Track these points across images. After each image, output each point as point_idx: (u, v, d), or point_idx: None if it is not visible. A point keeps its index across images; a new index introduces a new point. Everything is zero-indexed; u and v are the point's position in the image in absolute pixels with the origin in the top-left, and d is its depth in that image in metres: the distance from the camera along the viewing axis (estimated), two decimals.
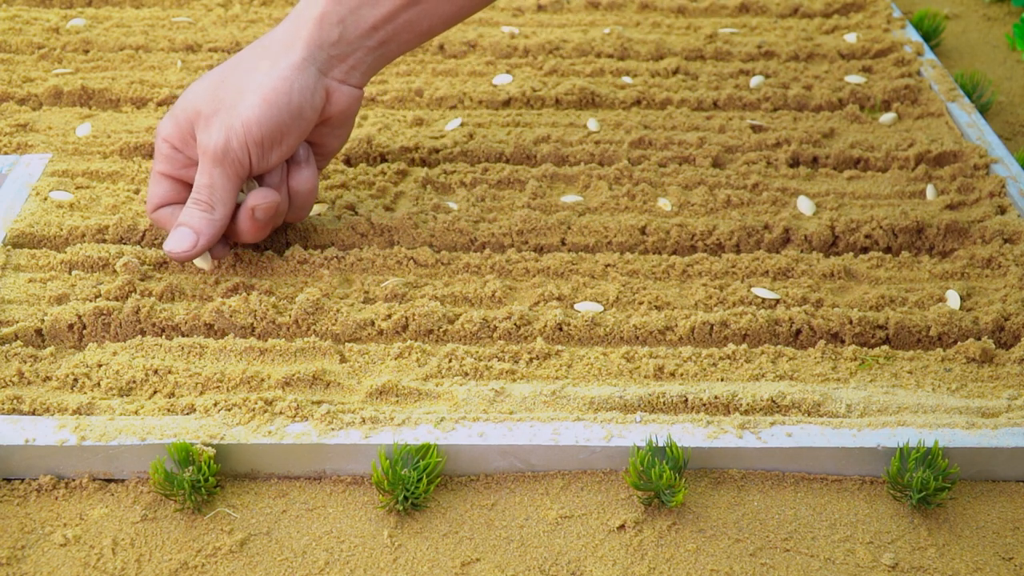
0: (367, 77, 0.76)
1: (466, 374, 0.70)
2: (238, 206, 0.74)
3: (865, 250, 0.83)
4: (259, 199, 0.73)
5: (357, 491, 0.64)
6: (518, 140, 0.93)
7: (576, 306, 0.75)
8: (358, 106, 0.77)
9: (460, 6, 0.76)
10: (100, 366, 0.69)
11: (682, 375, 0.70)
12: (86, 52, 1.07)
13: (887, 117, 0.98)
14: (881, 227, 0.82)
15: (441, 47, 1.09)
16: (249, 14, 1.15)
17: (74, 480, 0.64)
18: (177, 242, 0.72)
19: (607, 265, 0.79)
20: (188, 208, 0.72)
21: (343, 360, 0.71)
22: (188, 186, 0.75)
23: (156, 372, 0.69)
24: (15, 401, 0.66)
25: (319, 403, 0.66)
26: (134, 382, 0.68)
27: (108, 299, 0.74)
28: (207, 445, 0.63)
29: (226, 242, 0.77)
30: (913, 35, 1.13)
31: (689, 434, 0.65)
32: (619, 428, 0.65)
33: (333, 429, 0.64)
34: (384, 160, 0.92)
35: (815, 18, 1.18)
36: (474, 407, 0.67)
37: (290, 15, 0.74)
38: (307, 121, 0.73)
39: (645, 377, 0.70)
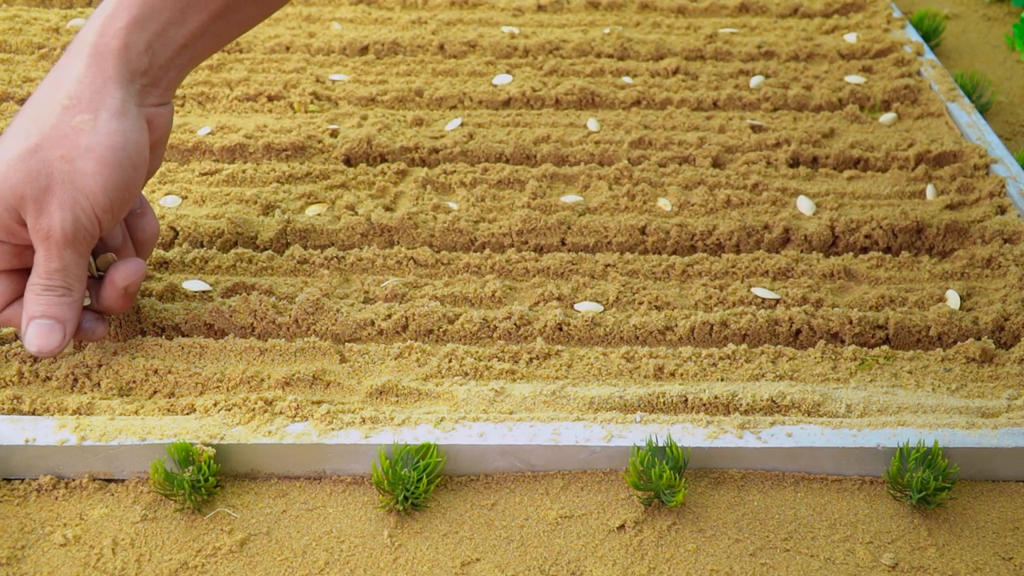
0: (175, 89, 0.69)
1: (466, 374, 0.70)
2: (91, 277, 0.67)
3: (865, 250, 0.83)
4: (129, 275, 0.66)
5: (357, 491, 0.64)
6: (518, 140, 0.93)
7: (576, 306, 0.75)
8: (172, 123, 0.70)
9: (267, 9, 0.71)
10: (100, 366, 0.69)
11: (682, 375, 0.70)
12: None
13: (887, 117, 0.98)
14: (881, 227, 0.82)
15: (441, 47, 1.09)
16: None
17: (74, 480, 0.64)
18: (46, 338, 0.63)
19: (607, 265, 0.79)
20: (39, 296, 0.63)
21: (343, 360, 0.71)
22: (27, 272, 0.66)
23: (156, 372, 0.69)
24: (15, 401, 0.66)
25: (319, 403, 0.66)
26: (134, 382, 0.68)
27: None
28: (207, 445, 0.63)
29: (101, 318, 0.69)
30: (913, 35, 1.13)
31: (689, 434, 0.65)
32: (619, 428, 0.65)
33: (333, 429, 0.64)
34: (384, 160, 0.92)
35: (815, 18, 1.18)
36: (474, 407, 0.67)
37: (77, 49, 0.64)
38: (144, 165, 0.65)
39: (645, 377, 0.70)
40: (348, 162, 0.91)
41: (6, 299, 0.66)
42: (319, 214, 0.83)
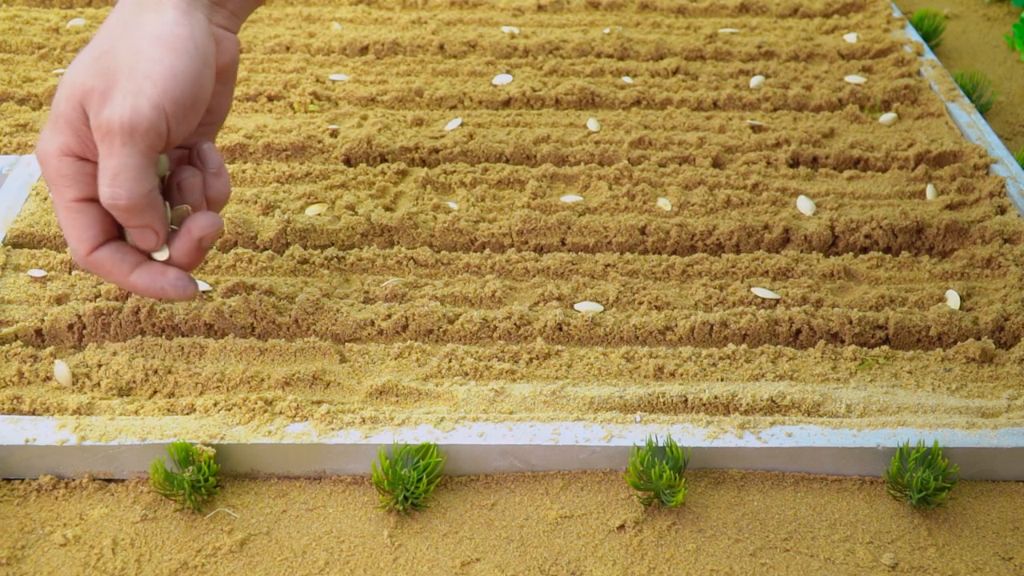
0: (240, 23, 0.67)
1: (466, 374, 0.70)
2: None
3: (865, 250, 0.83)
4: (206, 226, 0.63)
5: (357, 491, 0.64)
6: (518, 140, 0.93)
7: (576, 306, 0.75)
8: (239, 57, 0.66)
9: None
10: (100, 366, 0.69)
11: (682, 375, 0.70)
12: None
13: (887, 117, 0.98)
14: (881, 227, 0.82)
15: (441, 47, 1.09)
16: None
17: (74, 480, 0.64)
18: (143, 242, 0.62)
19: (607, 265, 0.79)
20: (107, 208, 0.60)
21: (343, 360, 0.71)
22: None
23: (156, 372, 0.69)
24: (15, 401, 0.66)
25: (319, 403, 0.66)
26: (134, 382, 0.68)
27: (108, 299, 0.74)
28: (207, 445, 0.63)
29: (190, 278, 0.65)
30: (913, 35, 1.13)
31: (689, 434, 0.65)
32: (619, 428, 0.65)
33: (333, 429, 0.64)
34: (384, 160, 0.92)
35: (815, 18, 1.18)
36: (474, 407, 0.67)
37: None
38: (211, 72, 0.62)
39: (645, 377, 0.70)
40: (348, 162, 0.91)
41: (98, 236, 0.62)
42: (319, 214, 0.83)
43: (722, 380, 0.70)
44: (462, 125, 0.96)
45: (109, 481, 0.65)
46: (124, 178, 0.58)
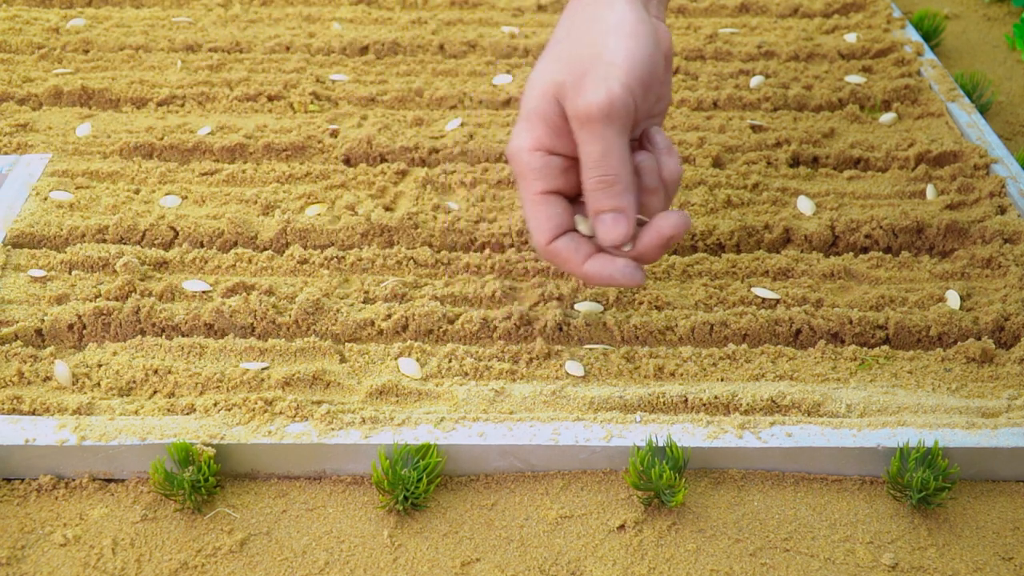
0: (664, 9, 0.72)
1: (466, 374, 0.70)
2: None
3: (865, 250, 0.83)
4: (677, 225, 0.64)
5: (357, 491, 0.64)
6: None
7: (576, 306, 0.75)
8: (672, 41, 0.70)
9: None
10: (100, 366, 0.69)
11: (682, 375, 0.70)
12: (86, 52, 1.07)
13: (887, 117, 0.98)
14: (881, 227, 0.82)
15: (441, 47, 1.09)
16: (249, 14, 1.15)
17: (74, 480, 0.64)
18: (613, 231, 0.63)
19: None
20: (594, 192, 0.63)
21: (343, 360, 0.71)
22: (576, 198, 0.66)
23: (156, 372, 0.69)
24: (15, 401, 0.66)
25: (319, 403, 0.66)
26: (134, 382, 0.68)
27: (108, 299, 0.74)
28: (207, 445, 0.63)
29: (639, 266, 0.65)
30: (913, 35, 1.13)
31: (689, 434, 0.65)
32: (619, 428, 0.65)
33: (333, 429, 0.64)
34: (384, 160, 0.92)
35: (815, 18, 1.18)
36: (474, 407, 0.67)
37: None
38: (661, 56, 0.65)
39: (645, 377, 0.70)
40: (348, 162, 0.91)
41: (559, 226, 0.65)
42: (319, 214, 0.83)
43: (722, 380, 0.70)
44: (462, 125, 0.96)
45: (109, 481, 0.65)
46: (611, 158, 0.62)
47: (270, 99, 1.00)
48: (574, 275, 0.67)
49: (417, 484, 0.62)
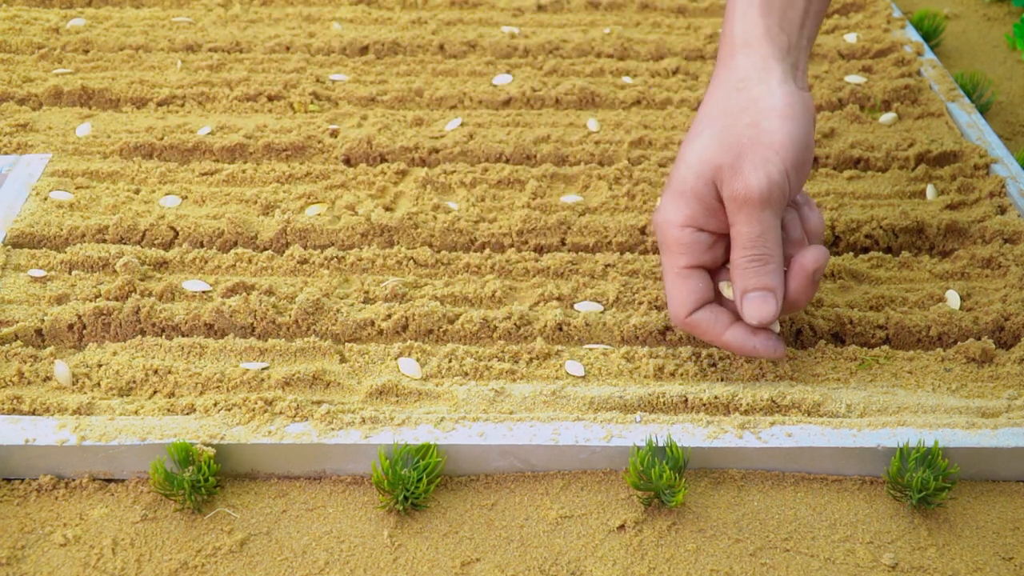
0: (806, 73, 0.72)
1: (466, 374, 0.70)
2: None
3: (865, 250, 0.83)
4: (817, 259, 0.66)
5: (357, 491, 0.64)
6: (518, 140, 0.93)
7: (576, 306, 0.75)
8: (815, 111, 0.72)
9: None
10: (100, 366, 0.69)
11: (682, 375, 0.70)
12: (86, 52, 1.07)
13: (887, 117, 0.98)
14: (881, 227, 0.82)
15: (441, 47, 1.09)
16: (249, 14, 1.15)
17: (74, 480, 0.64)
18: (761, 309, 0.65)
19: (607, 265, 0.79)
20: (746, 270, 0.65)
21: (343, 360, 0.71)
22: (717, 272, 0.69)
23: (156, 372, 0.69)
24: (15, 401, 0.66)
25: (319, 403, 0.66)
26: (134, 382, 0.68)
27: (108, 299, 0.74)
28: (207, 445, 0.63)
29: (780, 338, 0.68)
30: (913, 35, 1.13)
31: (689, 434, 0.65)
32: (619, 428, 0.65)
33: (333, 429, 0.64)
34: (384, 160, 0.92)
35: None
36: (474, 407, 0.67)
37: (728, 50, 0.70)
38: (812, 129, 0.67)
39: (645, 377, 0.70)
40: (348, 162, 0.91)
41: (700, 300, 0.67)
42: (319, 214, 0.83)
43: (722, 380, 0.70)
44: (462, 125, 0.96)
45: (109, 481, 0.65)
46: (767, 239, 0.64)
47: (270, 99, 1.00)
48: (714, 344, 0.69)
49: (417, 484, 0.62)
